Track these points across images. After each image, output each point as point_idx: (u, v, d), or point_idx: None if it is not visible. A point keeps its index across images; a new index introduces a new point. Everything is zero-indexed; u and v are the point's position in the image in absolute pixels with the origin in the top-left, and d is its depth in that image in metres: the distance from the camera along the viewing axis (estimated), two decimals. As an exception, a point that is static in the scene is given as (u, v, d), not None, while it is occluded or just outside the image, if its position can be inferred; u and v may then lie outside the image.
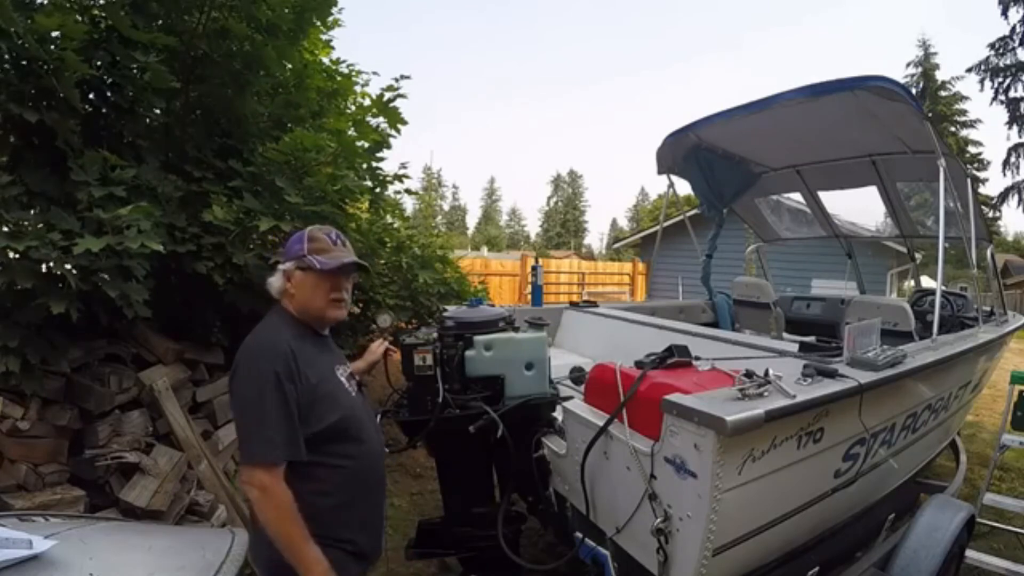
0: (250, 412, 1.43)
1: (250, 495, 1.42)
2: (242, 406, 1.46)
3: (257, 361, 1.45)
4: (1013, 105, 22.23)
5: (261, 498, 1.39)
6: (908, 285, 10.79)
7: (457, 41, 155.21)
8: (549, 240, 68.72)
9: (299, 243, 1.61)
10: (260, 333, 1.54)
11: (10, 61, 2.60)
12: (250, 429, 1.43)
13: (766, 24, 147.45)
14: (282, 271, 1.60)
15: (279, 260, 1.67)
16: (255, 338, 1.53)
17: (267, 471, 1.39)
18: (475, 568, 2.25)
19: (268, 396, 1.40)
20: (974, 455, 4.59)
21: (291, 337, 1.52)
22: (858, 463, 2.06)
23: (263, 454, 1.40)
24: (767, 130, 3.97)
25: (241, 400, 1.46)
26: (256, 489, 1.39)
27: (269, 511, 1.40)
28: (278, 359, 1.44)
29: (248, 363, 1.46)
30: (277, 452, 1.40)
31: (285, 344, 1.48)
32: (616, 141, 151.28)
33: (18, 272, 2.32)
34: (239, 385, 1.47)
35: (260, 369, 1.43)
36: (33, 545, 1.44)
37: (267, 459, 1.39)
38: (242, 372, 1.47)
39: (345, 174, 3.38)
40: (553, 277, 14.52)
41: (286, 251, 1.64)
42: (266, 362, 1.43)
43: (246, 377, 1.45)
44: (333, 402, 1.54)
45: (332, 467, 1.52)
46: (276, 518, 1.39)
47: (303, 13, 3.43)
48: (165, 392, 2.92)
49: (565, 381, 2.60)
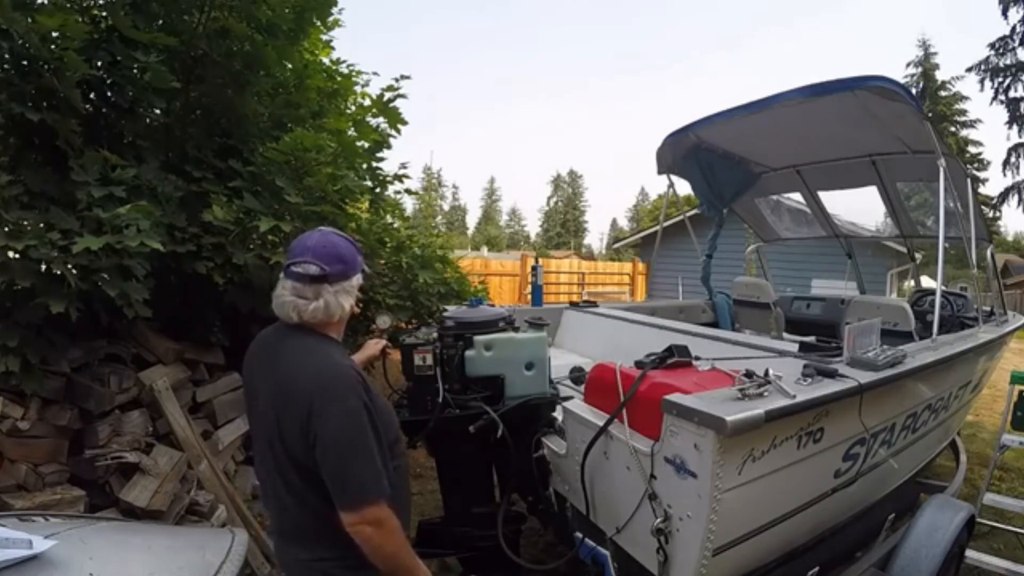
0: (353, 450, 1.34)
1: (362, 532, 1.33)
2: (343, 445, 1.35)
3: (348, 397, 1.36)
4: (1013, 105, 22.23)
5: (378, 533, 1.34)
6: (908, 285, 10.79)
7: (457, 41, 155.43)
8: (549, 240, 68.72)
9: (359, 254, 1.54)
10: (330, 366, 1.42)
11: (11, 61, 2.60)
12: (356, 467, 1.34)
13: (766, 24, 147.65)
14: (356, 287, 1.52)
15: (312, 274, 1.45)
16: (332, 373, 1.40)
17: (380, 505, 1.34)
18: (475, 568, 2.25)
19: (367, 430, 1.36)
20: (974, 455, 4.59)
21: (351, 362, 1.47)
22: (858, 463, 2.06)
23: (376, 490, 1.34)
24: (767, 130, 3.97)
25: (340, 439, 1.34)
26: (371, 526, 1.33)
27: (390, 543, 1.35)
28: (360, 391, 1.38)
29: (339, 400, 1.36)
30: (384, 483, 1.36)
31: (355, 371, 1.42)
32: (616, 141, 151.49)
33: (18, 271, 2.32)
34: (335, 423, 1.34)
35: (353, 405, 1.36)
36: (33, 545, 1.44)
37: (379, 493, 1.34)
38: (335, 409, 1.35)
39: (345, 174, 3.38)
40: (553, 277, 14.53)
41: (353, 266, 1.51)
42: (354, 397, 1.36)
43: (342, 415, 1.35)
44: (391, 411, 1.55)
45: (396, 470, 1.49)
46: (397, 547, 1.36)
47: (303, 13, 3.43)
48: (165, 392, 2.92)
49: (565, 381, 2.60)
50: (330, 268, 1.43)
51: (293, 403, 1.37)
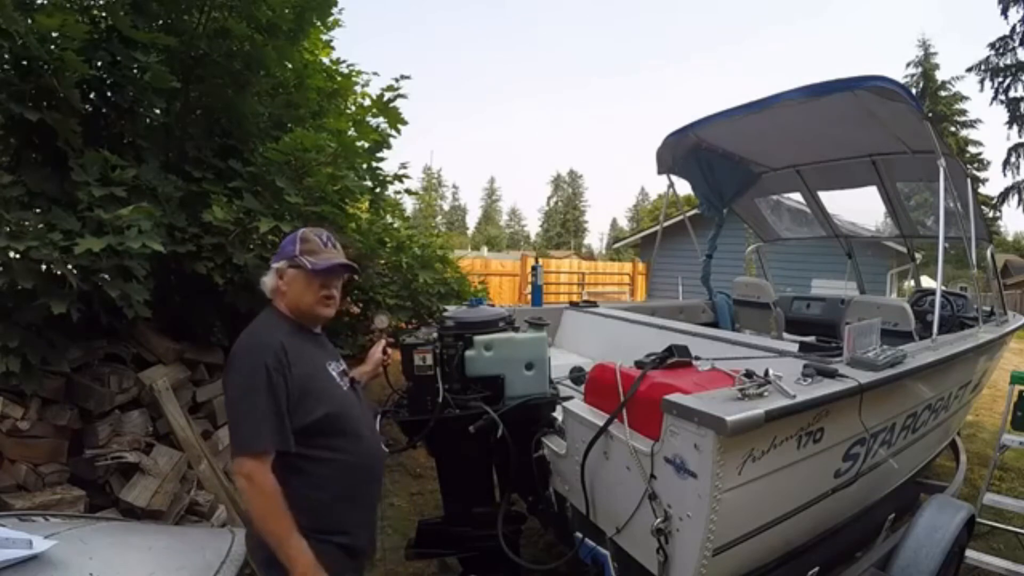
0: (240, 403, 1.47)
1: (238, 484, 1.46)
2: (233, 398, 1.51)
3: (248, 355, 1.50)
4: (1013, 105, 22.22)
5: (248, 487, 1.43)
6: (908, 285, 10.77)
7: (457, 41, 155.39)
8: (549, 240, 68.72)
9: (292, 244, 1.67)
10: (253, 329, 1.60)
11: (11, 61, 2.60)
12: (239, 419, 1.47)
13: (766, 24, 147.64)
14: (275, 269, 1.67)
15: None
16: (248, 334, 1.58)
17: (254, 460, 1.42)
18: (475, 568, 2.25)
19: (258, 388, 1.45)
20: (974, 455, 4.58)
21: (284, 333, 1.57)
22: (858, 463, 2.06)
23: (250, 443, 1.43)
24: (767, 130, 3.97)
25: (232, 392, 1.51)
26: (243, 478, 1.43)
27: (255, 500, 1.43)
28: (268, 353, 1.49)
29: (240, 357, 1.51)
30: (264, 441, 1.44)
31: (276, 339, 1.53)
32: (616, 141, 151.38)
33: (19, 272, 2.32)
34: (231, 378, 1.52)
35: (251, 362, 1.48)
36: (33, 545, 1.45)
37: (254, 448, 1.43)
38: (235, 366, 1.52)
39: (345, 174, 3.38)
40: (553, 277, 14.52)
41: (279, 251, 1.70)
42: (257, 355, 1.48)
43: (238, 370, 1.50)
44: (323, 396, 1.57)
45: (323, 461, 1.55)
46: (261, 506, 1.43)
47: (303, 13, 3.44)
48: (165, 392, 2.93)
49: (565, 381, 2.60)
50: (274, 254, 1.71)
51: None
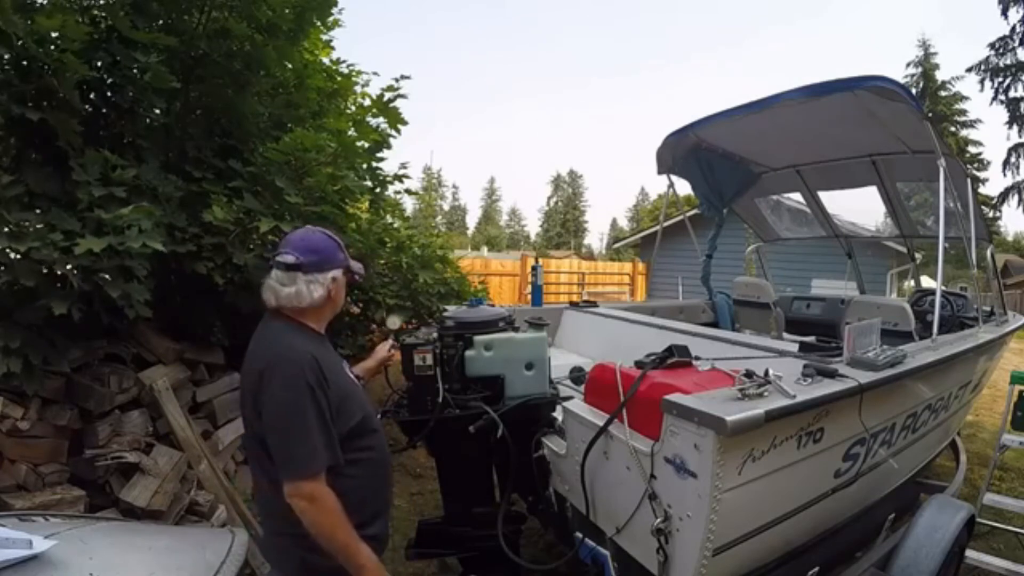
0: (289, 426, 1.42)
1: (298, 506, 1.41)
2: (280, 420, 1.43)
3: (289, 374, 1.44)
4: (1013, 105, 22.21)
5: (310, 507, 1.40)
6: (908, 285, 10.77)
7: (457, 41, 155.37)
8: (549, 240, 68.70)
9: (340, 250, 1.64)
10: (282, 346, 1.51)
11: (11, 62, 2.60)
12: (290, 442, 1.42)
13: (766, 24, 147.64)
14: (331, 278, 1.59)
15: (289, 265, 1.57)
16: (279, 352, 1.50)
17: (314, 481, 1.40)
18: (475, 568, 2.25)
19: (305, 409, 1.42)
20: (974, 455, 4.58)
21: (312, 346, 1.53)
22: (858, 463, 2.06)
23: (309, 465, 1.41)
24: (767, 130, 3.97)
25: (278, 414, 1.44)
26: (304, 500, 1.40)
27: (320, 518, 1.41)
28: (308, 369, 1.45)
29: (280, 377, 1.44)
30: (320, 460, 1.42)
31: (309, 354, 1.49)
32: (616, 141, 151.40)
33: (20, 273, 2.32)
34: (274, 400, 1.44)
35: (293, 382, 1.43)
36: (33, 545, 1.45)
37: (313, 469, 1.41)
38: (276, 385, 1.44)
39: (345, 174, 3.38)
40: (553, 277, 14.51)
41: (325, 258, 1.60)
42: (299, 374, 1.44)
43: (280, 391, 1.43)
44: (354, 400, 1.58)
45: (359, 461, 1.55)
46: (328, 523, 1.41)
47: (303, 13, 3.43)
48: (165, 392, 2.93)
49: (565, 381, 2.60)
50: (304, 258, 1.56)
51: (252, 381, 1.48)
